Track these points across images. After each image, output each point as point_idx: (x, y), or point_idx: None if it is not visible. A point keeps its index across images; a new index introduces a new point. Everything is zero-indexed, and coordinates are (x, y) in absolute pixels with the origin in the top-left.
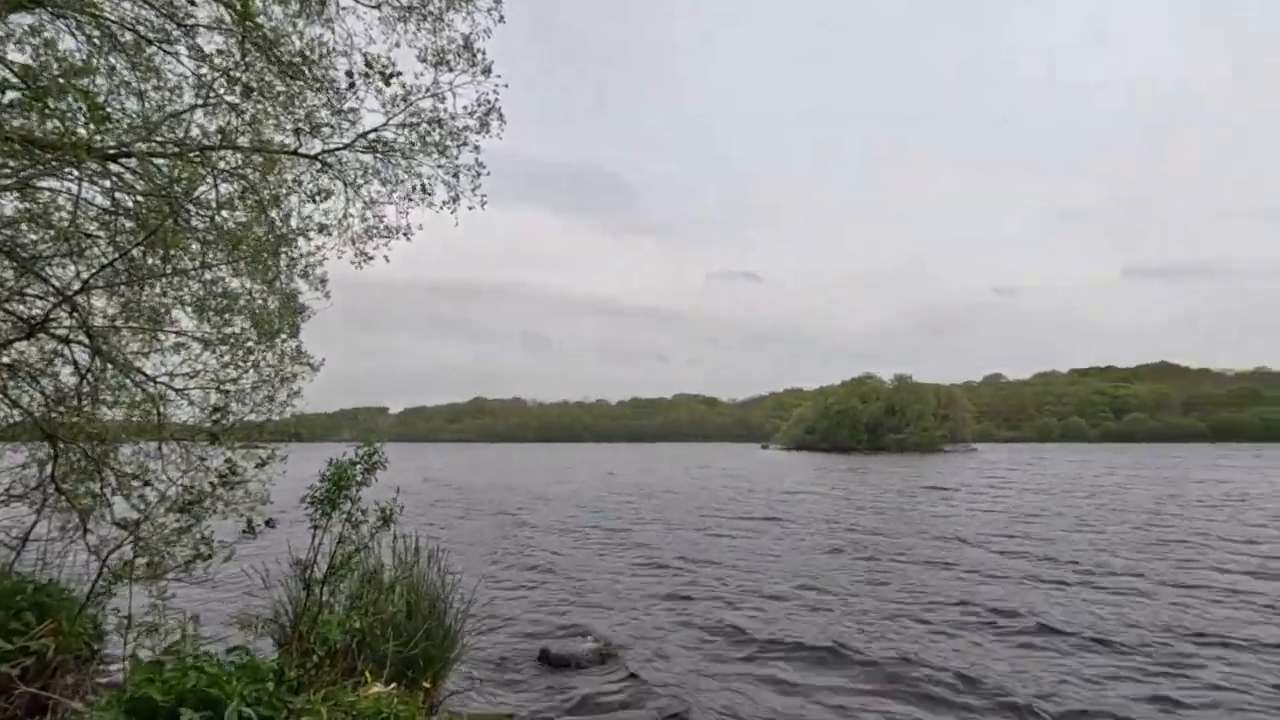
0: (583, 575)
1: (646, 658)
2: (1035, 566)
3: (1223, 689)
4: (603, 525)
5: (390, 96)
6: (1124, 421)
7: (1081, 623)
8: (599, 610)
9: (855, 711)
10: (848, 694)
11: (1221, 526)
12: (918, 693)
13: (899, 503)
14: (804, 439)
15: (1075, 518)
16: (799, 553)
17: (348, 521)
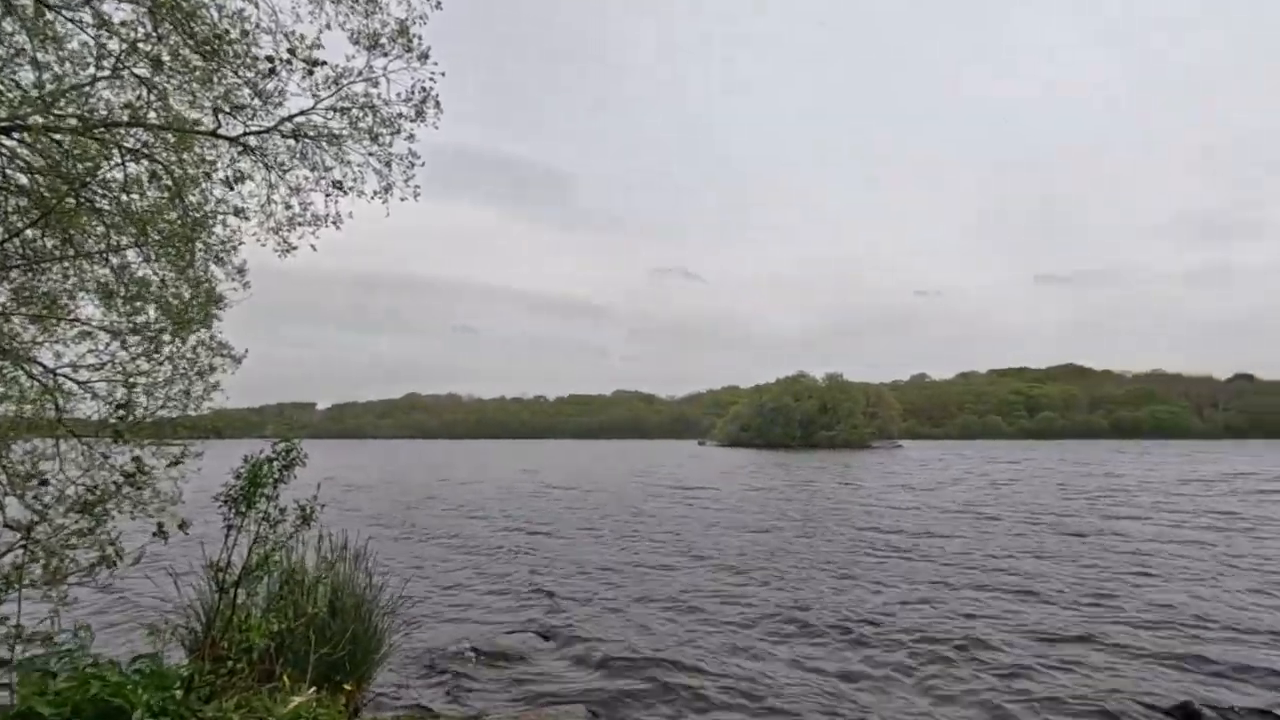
0: (514, 570)
1: (576, 649)
2: (932, 561)
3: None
4: (534, 521)
5: (320, 79)
6: (1037, 419)
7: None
8: (530, 603)
9: (764, 696)
10: (759, 680)
11: (1114, 522)
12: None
13: (823, 498)
14: (740, 436)
15: (978, 510)
16: (721, 548)
17: (265, 521)
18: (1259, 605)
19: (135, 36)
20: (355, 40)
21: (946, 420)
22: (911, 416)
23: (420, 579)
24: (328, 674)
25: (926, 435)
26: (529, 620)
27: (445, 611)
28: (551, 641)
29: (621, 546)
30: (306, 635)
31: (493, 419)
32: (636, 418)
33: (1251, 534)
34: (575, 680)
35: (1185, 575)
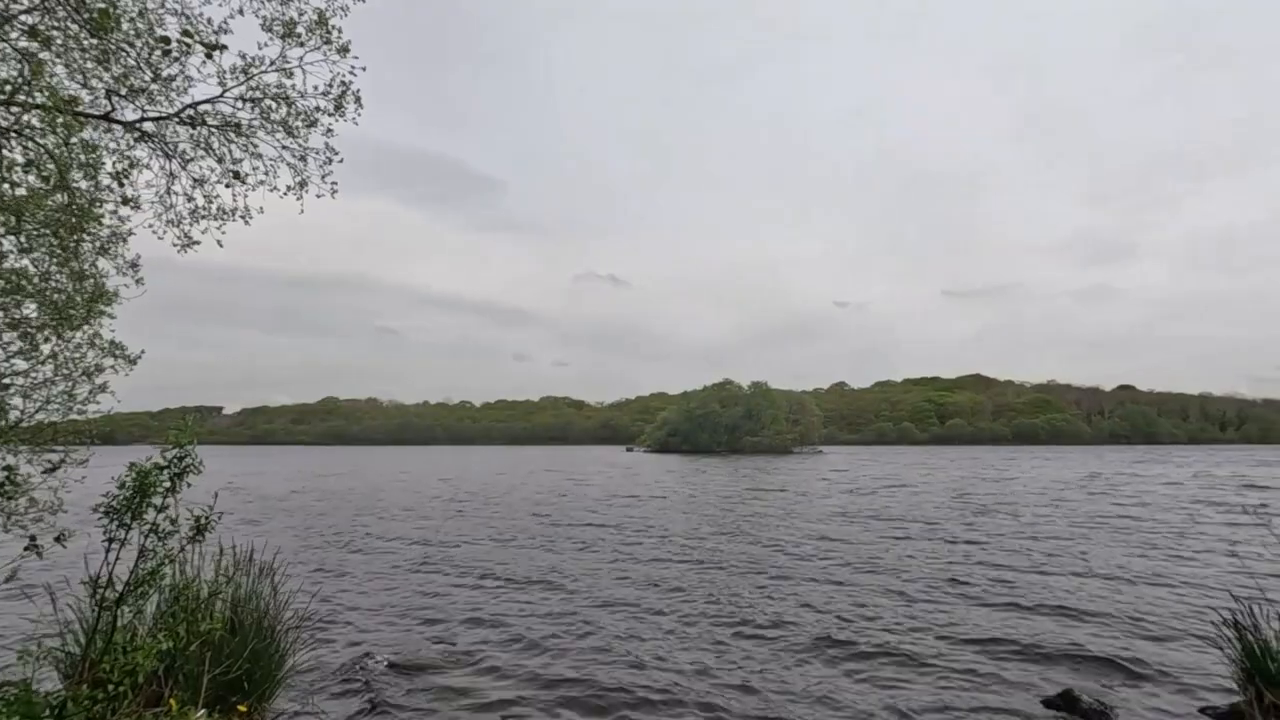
0: (430, 581)
1: (495, 659)
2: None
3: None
4: (453, 530)
5: (229, 66)
6: (947, 426)
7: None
8: (448, 614)
9: (680, 698)
10: (678, 683)
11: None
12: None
13: (740, 503)
14: (668, 441)
15: (881, 513)
16: (630, 556)
17: (153, 533)
18: (1122, 598)
19: (14, 9)
20: (268, 28)
21: (864, 426)
22: (832, 423)
23: (332, 591)
24: (223, 695)
25: (845, 441)
26: (447, 632)
27: (358, 624)
28: (469, 653)
29: (543, 555)
30: (200, 654)
31: (416, 425)
32: (565, 424)
33: (1118, 535)
34: (492, 691)
35: (1063, 571)
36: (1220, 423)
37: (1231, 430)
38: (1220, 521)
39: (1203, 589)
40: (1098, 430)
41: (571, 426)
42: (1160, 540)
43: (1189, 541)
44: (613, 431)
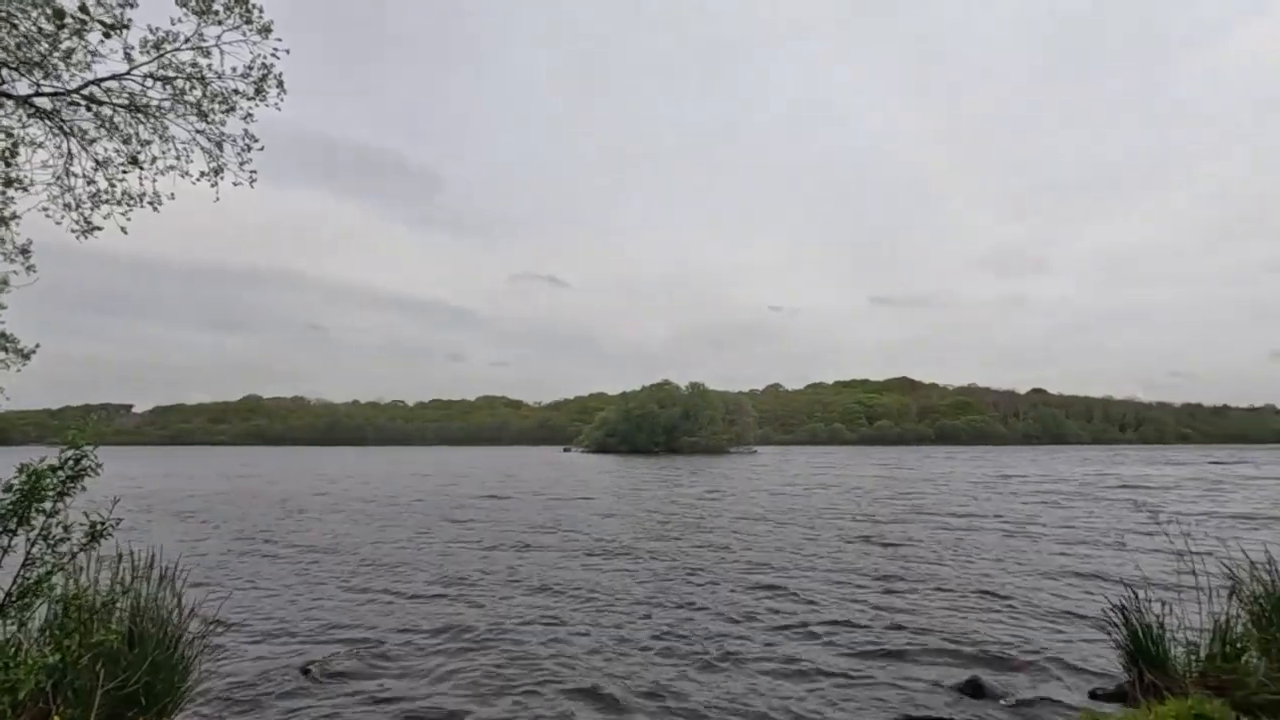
0: (348, 587)
1: (411, 667)
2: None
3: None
4: (382, 533)
5: (139, 41)
6: (875, 427)
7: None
8: (364, 622)
9: (609, 699)
10: (601, 685)
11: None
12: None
13: (673, 503)
14: (606, 441)
15: (807, 510)
16: (554, 558)
17: (43, 539)
18: (1025, 589)
19: None
20: (184, 3)
21: (797, 427)
22: (767, 423)
23: (243, 598)
24: (119, 710)
25: (780, 441)
26: (364, 638)
27: (271, 632)
28: (388, 660)
29: (465, 558)
30: (93, 668)
31: (345, 424)
32: (502, 424)
33: (1021, 529)
34: (412, 699)
35: (971, 566)
36: (1120, 424)
37: (1130, 431)
38: (1114, 516)
39: (1097, 579)
40: (1013, 431)
41: (508, 427)
42: (1060, 534)
43: (1085, 535)
44: (551, 432)
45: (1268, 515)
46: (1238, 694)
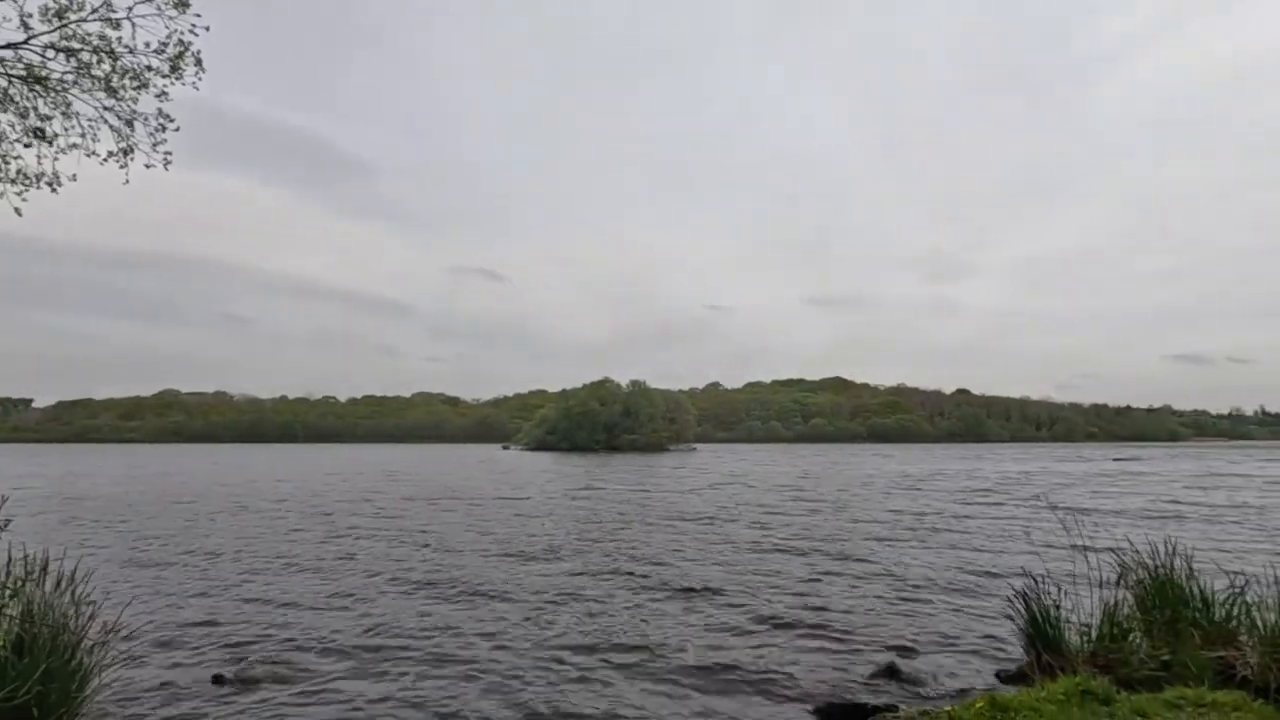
0: (264, 591)
1: (328, 674)
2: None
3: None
4: (290, 537)
5: (39, 7)
6: (810, 425)
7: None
8: (280, 626)
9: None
10: (509, 682)
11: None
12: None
13: (607, 500)
14: (545, 439)
15: (738, 505)
16: (475, 558)
17: None
18: (940, 578)
19: None
20: None
21: (736, 425)
22: (706, 421)
23: (150, 602)
24: None
25: (718, 439)
26: (280, 644)
27: (180, 638)
28: (304, 667)
29: (386, 560)
30: None
31: (272, 421)
32: (439, 421)
33: (939, 521)
34: (328, 706)
35: (891, 556)
36: (1036, 423)
37: (1044, 430)
38: (1022, 510)
39: (1004, 570)
40: (938, 429)
41: (446, 424)
42: (972, 528)
43: (995, 528)
44: (490, 429)
45: (1155, 509)
46: (1121, 671)
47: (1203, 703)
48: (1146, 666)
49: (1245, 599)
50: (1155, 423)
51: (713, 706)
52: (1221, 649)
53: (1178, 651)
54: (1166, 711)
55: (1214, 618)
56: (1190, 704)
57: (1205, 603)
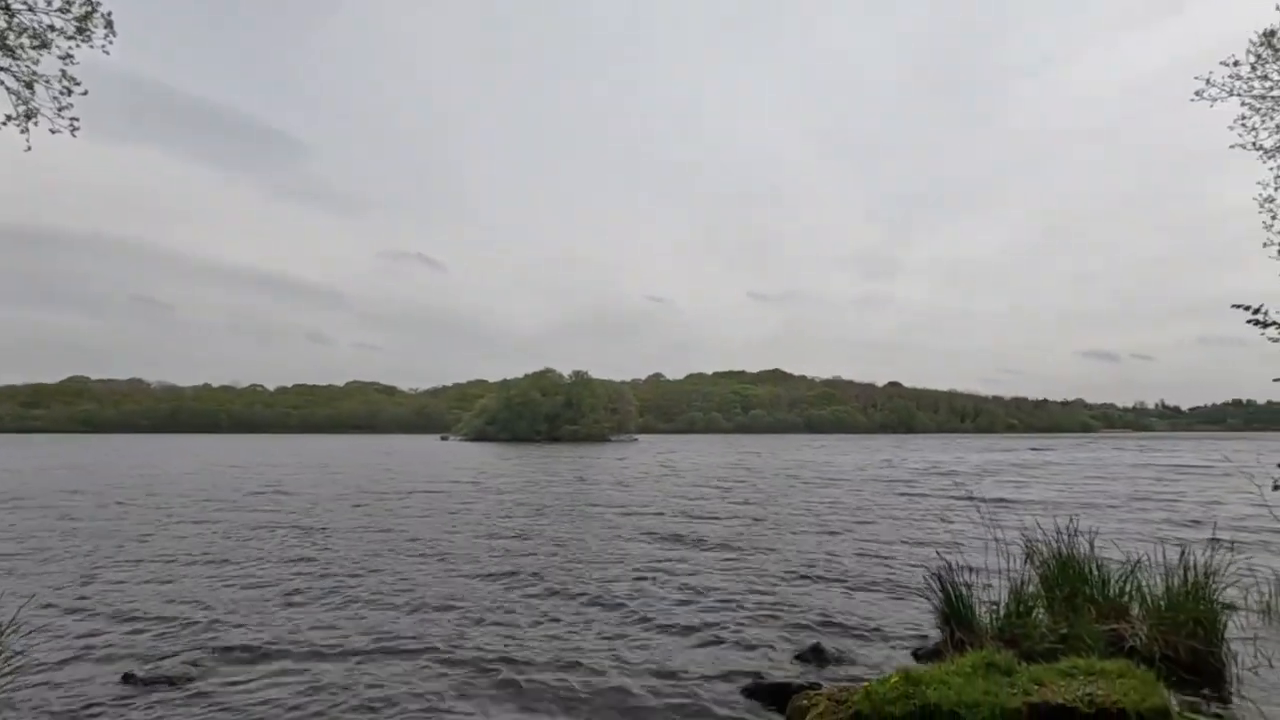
0: (179, 583)
1: (247, 669)
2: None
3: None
4: (202, 527)
5: None
6: (749, 416)
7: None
8: (196, 620)
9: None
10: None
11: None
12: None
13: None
14: (485, 430)
15: (666, 495)
16: (393, 552)
17: None
18: (863, 563)
19: None
20: None
21: (677, 416)
22: (648, 412)
23: (51, 597)
24: None
25: (660, 430)
26: (196, 639)
27: (87, 633)
28: (222, 663)
29: (309, 553)
30: None
31: (193, 410)
32: (374, 411)
33: (864, 512)
34: (250, 704)
35: (815, 543)
36: (961, 415)
37: (969, 421)
38: (942, 497)
39: (924, 553)
40: (871, 421)
41: (381, 414)
42: (896, 514)
43: (917, 514)
44: (428, 419)
45: (1064, 495)
46: (1025, 645)
47: (1092, 671)
48: (1047, 640)
49: (1137, 576)
50: (1069, 415)
51: (639, 692)
52: (1114, 622)
53: (1075, 625)
54: (1060, 680)
55: (1109, 594)
56: (1082, 672)
57: (1102, 580)
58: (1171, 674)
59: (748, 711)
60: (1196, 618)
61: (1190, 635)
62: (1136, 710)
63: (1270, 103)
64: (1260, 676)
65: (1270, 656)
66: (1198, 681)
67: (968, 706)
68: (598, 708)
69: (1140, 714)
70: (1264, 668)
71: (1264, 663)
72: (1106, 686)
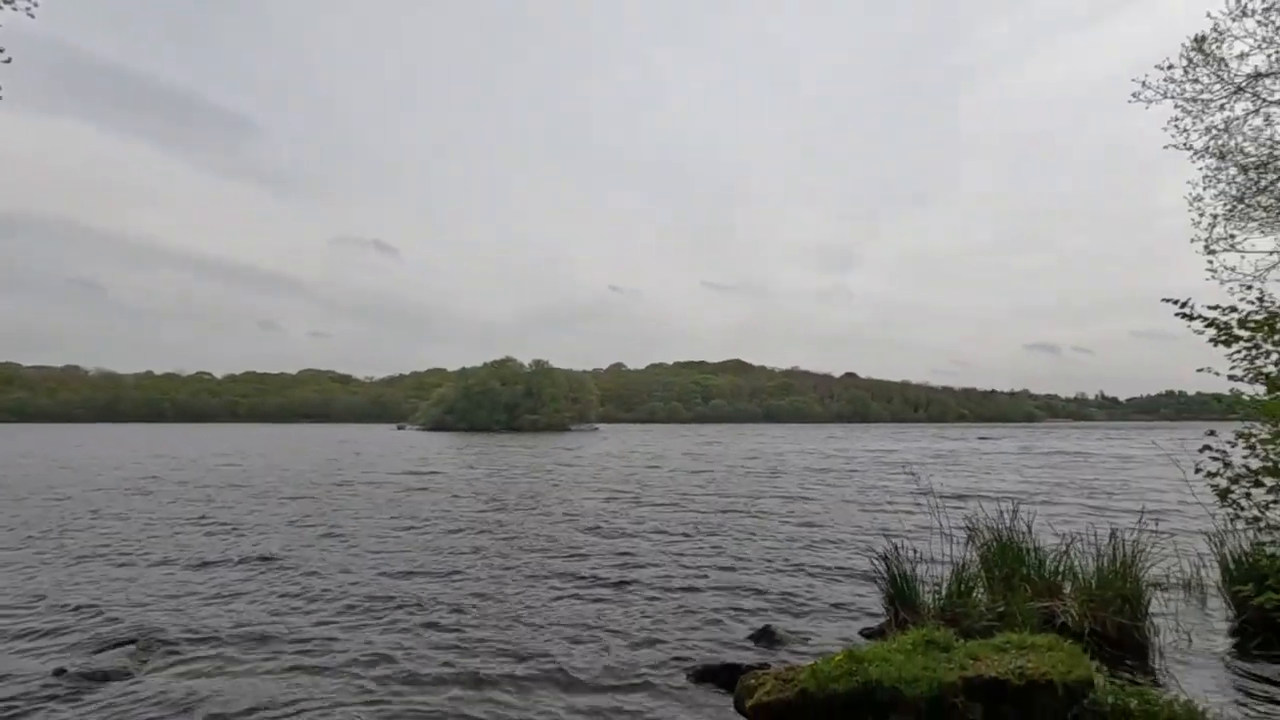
0: (112, 574)
1: (188, 661)
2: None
3: None
4: (154, 517)
5: None
6: (710, 406)
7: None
8: (123, 616)
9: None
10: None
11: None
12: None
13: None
14: (443, 419)
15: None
16: (338, 545)
17: None
18: (814, 545)
19: None
20: None
21: (638, 405)
22: (609, 402)
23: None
24: None
25: (621, 419)
26: (133, 630)
27: (16, 628)
28: (153, 653)
29: (244, 540)
30: None
31: (134, 398)
32: (328, 400)
33: (817, 497)
34: (178, 690)
35: (765, 527)
36: (914, 405)
37: (921, 411)
38: (892, 483)
39: (873, 537)
40: (828, 411)
41: (336, 403)
42: (847, 500)
43: (866, 500)
44: (384, 409)
45: (1007, 481)
46: (965, 623)
47: (1024, 645)
48: (985, 618)
49: (1070, 557)
50: (1015, 405)
51: (588, 679)
52: (1048, 600)
53: (1011, 603)
54: (994, 654)
55: (1044, 574)
56: (1014, 647)
57: (1039, 561)
58: (1099, 648)
59: (698, 693)
60: (1124, 595)
61: (1117, 611)
62: (1063, 681)
63: (1200, 105)
64: (1180, 650)
65: (1190, 630)
66: (1123, 655)
67: (907, 682)
68: (546, 695)
69: (1066, 684)
70: (1184, 641)
71: (1184, 636)
72: (1036, 659)
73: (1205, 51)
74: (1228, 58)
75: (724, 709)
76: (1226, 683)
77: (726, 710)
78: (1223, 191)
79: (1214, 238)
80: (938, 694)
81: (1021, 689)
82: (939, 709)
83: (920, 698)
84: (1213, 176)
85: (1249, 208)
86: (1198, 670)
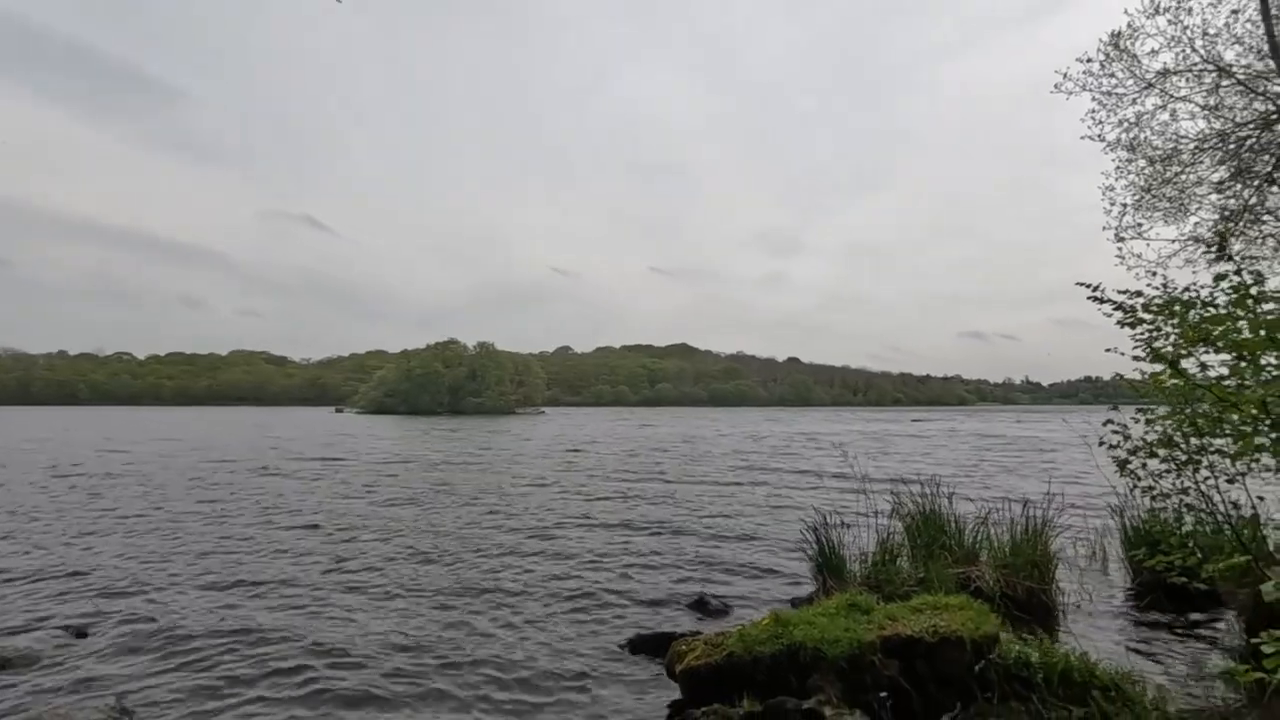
0: (46, 561)
1: (113, 641)
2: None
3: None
4: (70, 505)
5: None
6: (656, 390)
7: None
8: (57, 598)
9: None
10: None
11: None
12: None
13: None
14: (384, 402)
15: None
16: (266, 539)
17: None
18: (746, 520)
19: None
20: None
21: (585, 389)
22: (556, 385)
23: None
24: None
25: (567, 403)
26: (49, 616)
27: None
28: (83, 636)
29: (158, 539)
30: None
31: (45, 380)
32: (261, 382)
33: (752, 476)
34: (108, 673)
35: (701, 505)
36: (854, 389)
37: (860, 395)
38: (824, 462)
39: (806, 511)
40: (771, 394)
41: (269, 385)
42: (780, 477)
43: (797, 478)
44: (322, 391)
45: (935, 458)
46: (887, 589)
47: (938, 606)
48: (907, 584)
49: (987, 527)
50: (948, 390)
51: (521, 658)
52: (965, 567)
53: (931, 571)
54: (911, 615)
55: (964, 543)
56: (929, 608)
57: (958, 531)
58: (1010, 610)
59: (631, 663)
60: (1034, 561)
61: (1028, 577)
62: (971, 637)
63: (1114, 99)
64: (1082, 610)
65: (1091, 592)
66: (1031, 615)
67: (829, 642)
68: (479, 677)
69: (974, 640)
70: (1086, 602)
71: (1086, 598)
72: (949, 618)
73: (1120, 47)
74: (1140, 54)
75: (659, 676)
76: (1120, 637)
77: (660, 677)
78: (1132, 182)
79: (1123, 226)
80: (857, 653)
81: (934, 645)
82: (859, 666)
83: (840, 657)
84: (1124, 168)
85: (1155, 198)
86: (1096, 627)
